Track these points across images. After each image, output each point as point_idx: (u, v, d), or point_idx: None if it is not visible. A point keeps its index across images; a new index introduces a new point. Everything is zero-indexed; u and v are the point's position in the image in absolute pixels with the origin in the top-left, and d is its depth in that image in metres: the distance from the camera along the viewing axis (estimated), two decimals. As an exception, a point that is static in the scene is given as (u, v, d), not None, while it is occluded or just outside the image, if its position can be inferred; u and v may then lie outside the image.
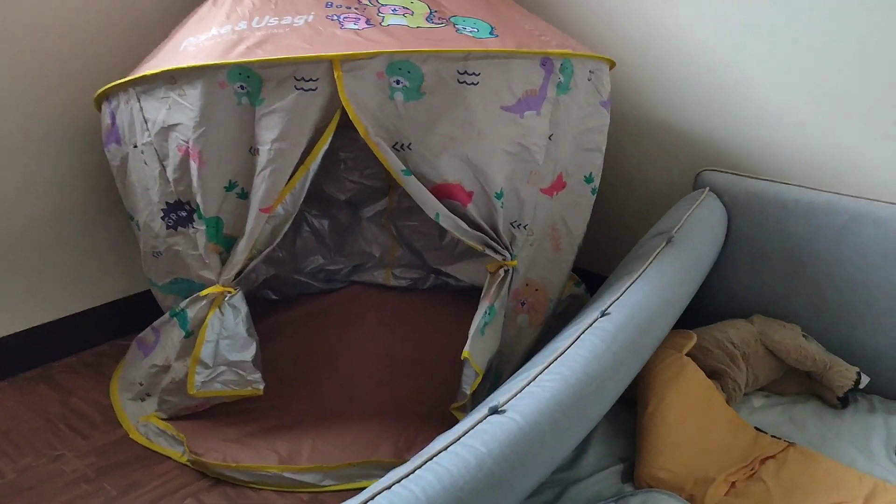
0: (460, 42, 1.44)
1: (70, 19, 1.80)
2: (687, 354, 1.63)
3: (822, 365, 1.67)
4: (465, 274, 2.33)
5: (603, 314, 1.34)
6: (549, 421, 1.09)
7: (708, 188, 1.85)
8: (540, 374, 1.19)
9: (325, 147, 1.45)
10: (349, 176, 2.36)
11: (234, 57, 1.38)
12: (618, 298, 1.39)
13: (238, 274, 1.58)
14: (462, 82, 1.43)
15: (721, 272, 1.83)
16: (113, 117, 1.59)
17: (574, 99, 1.62)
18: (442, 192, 1.51)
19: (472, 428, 1.05)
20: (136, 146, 1.55)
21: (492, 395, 1.26)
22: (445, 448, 1.01)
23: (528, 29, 1.61)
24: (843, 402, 1.66)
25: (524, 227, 1.65)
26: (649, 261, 1.51)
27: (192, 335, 1.62)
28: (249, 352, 1.64)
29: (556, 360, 1.22)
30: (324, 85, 1.38)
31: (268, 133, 1.41)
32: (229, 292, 1.59)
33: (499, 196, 1.55)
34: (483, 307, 1.62)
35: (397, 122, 1.44)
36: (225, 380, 1.64)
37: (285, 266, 2.24)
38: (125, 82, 1.51)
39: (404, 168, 1.46)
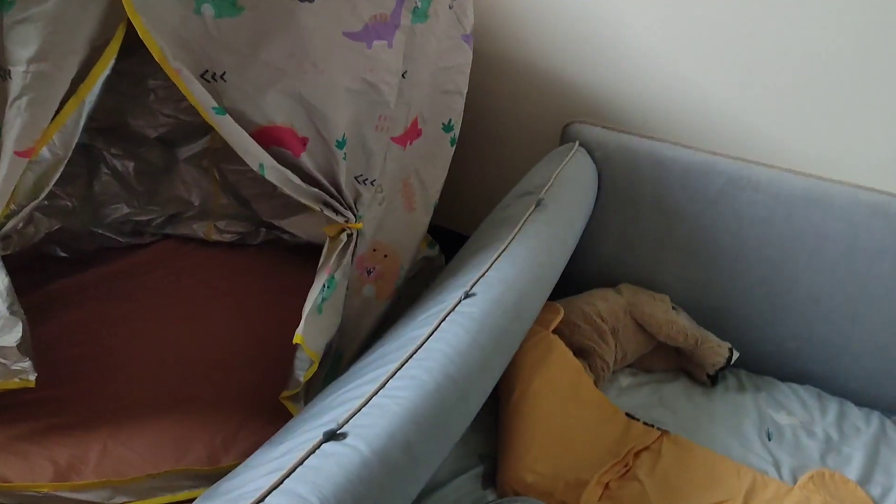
0: (293, -55, 1.11)
1: None
2: (553, 331, 1.44)
3: (693, 341, 1.53)
4: (302, 229, 2.01)
5: (467, 295, 1.10)
6: (402, 447, 0.84)
7: (577, 142, 1.65)
8: (390, 378, 0.93)
9: (106, 72, 1.08)
10: (162, 108, 1.96)
11: (-33, -63, 0.98)
12: (483, 275, 1.15)
13: (-8, 237, 1.19)
14: (294, -4, 1.10)
15: (590, 236, 1.65)
16: None
17: (432, 30, 1.34)
18: (268, 138, 1.19)
19: (300, 464, 0.78)
20: None
21: (327, 398, 1.00)
22: (261, 500, 0.74)
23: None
24: (713, 380, 1.54)
25: (371, 182, 1.37)
26: (517, 228, 1.29)
27: (-69, 315, 1.23)
28: (13, 335, 1.26)
29: (409, 358, 0.97)
30: (102, -13, 1.02)
31: (22, 50, 1.02)
32: (-20, 260, 1.21)
33: (340, 144, 1.25)
34: (321, 279, 1.34)
35: (206, 43, 1.10)
36: (-19, 371, 1.27)
37: (76, 217, 1.83)
38: None
39: (216, 105, 1.12)
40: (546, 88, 1.79)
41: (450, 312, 1.05)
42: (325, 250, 1.38)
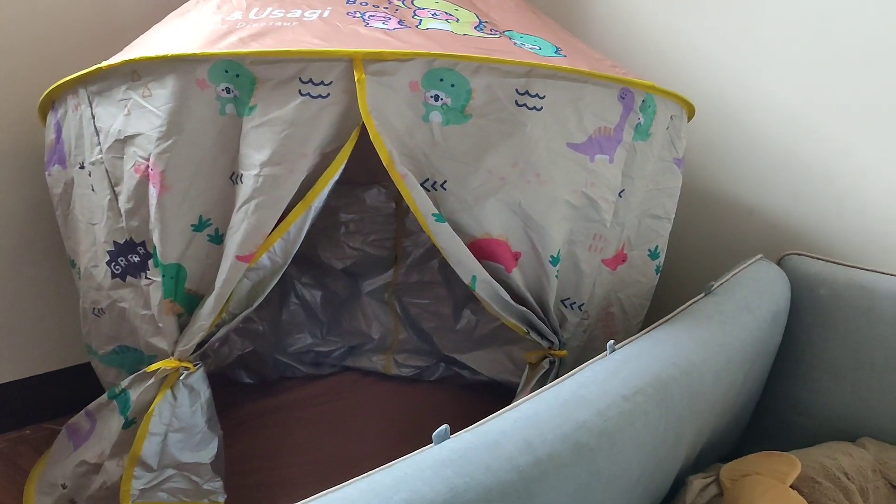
0: (520, 56, 1.11)
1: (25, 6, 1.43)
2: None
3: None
4: (484, 365, 1.91)
5: (611, 350, 1.04)
6: None
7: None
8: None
9: (335, 178, 1.08)
10: (350, 241, 1.99)
11: (221, 48, 1.03)
12: (632, 340, 1.09)
13: (201, 345, 1.17)
14: (521, 105, 1.08)
15: (817, 386, 1.45)
16: (59, 130, 1.22)
17: (651, 149, 1.28)
18: (481, 251, 1.14)
19: None
20: (82, 166, 1.18)
21: None
22: None
23: (598, 57, 1.28)
24: None
25: (579, 307, 1.27)
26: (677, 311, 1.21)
27: (133, 424, 1.21)
28: (209, 451, 1.22)
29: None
30: (339, 91, 1.03)
31: (256, 153, 1.05)
32: (186, 368, 1.19)
33: (554, 261, 1.18)
34: (520, 408, 1.22)
35: (431, 151, 1.08)
36: (172, 488, 1.22)
37: (267, 341, 1.84)
38: (75, 79, 1.14)
39: (436, 212, 1.09)
40: (747, 215, 1.66)
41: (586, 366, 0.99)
42: (523, 378, 1.28)
